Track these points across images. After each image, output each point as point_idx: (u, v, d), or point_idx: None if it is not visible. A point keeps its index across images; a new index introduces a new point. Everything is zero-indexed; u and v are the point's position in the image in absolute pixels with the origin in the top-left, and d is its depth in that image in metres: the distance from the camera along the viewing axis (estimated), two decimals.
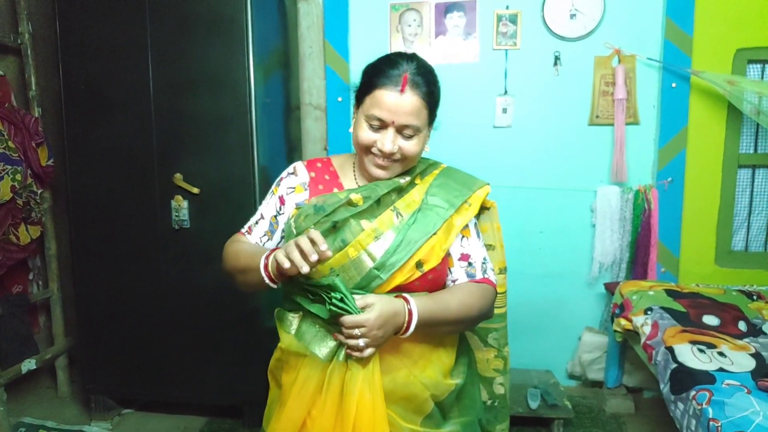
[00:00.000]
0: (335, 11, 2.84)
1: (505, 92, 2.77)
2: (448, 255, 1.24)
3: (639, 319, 2.12)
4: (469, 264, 1.25)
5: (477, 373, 1.37)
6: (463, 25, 2.78)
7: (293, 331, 1.20)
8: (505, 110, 2.78)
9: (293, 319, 1.22)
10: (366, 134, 1.18)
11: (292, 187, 1.29)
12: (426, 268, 1.18)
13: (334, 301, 1.06)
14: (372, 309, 1.06)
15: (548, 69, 2.74)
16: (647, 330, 2.04)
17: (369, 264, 1.15)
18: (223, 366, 2.50)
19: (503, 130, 2.80)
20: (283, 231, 1.28)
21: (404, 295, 1.14)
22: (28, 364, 2.58)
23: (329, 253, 1.03)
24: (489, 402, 1.41)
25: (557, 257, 2.84)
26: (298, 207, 1.25)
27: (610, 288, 2.62)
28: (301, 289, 1.16)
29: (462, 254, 1.26)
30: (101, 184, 2.47)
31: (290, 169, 1.33)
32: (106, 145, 2.45)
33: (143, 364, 2.55)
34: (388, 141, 1.17)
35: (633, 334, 2.22)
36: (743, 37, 2.56)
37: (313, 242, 1.01)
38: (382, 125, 1.17)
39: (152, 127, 2.40)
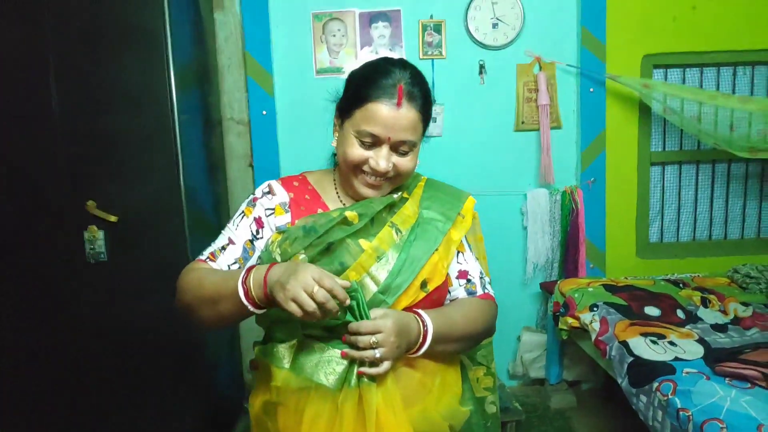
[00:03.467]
0: (255, 22, 2.69)
1: (434, 101, 2.76)
2: (447, 273, 1.17)
3: (586, 317, 2.19)
4: (468, 281, 1.19)
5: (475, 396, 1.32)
6: (388, 36, 2.75)
7: (287, 365, 1.05)
8: (434, 119, 2.78)
9: (285, 351, 1.07)
10: (357, 152, 1.08)
11: (272, 208, 1.14)
12: (431, 287, 1.10)
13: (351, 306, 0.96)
14: (387, 316, 0.98)
15: (474, 77, 2.78)
16: (597, 327, 2.11)
17: (373, 288, 1.05)
18: (158, 409, 2.26)
19: (434, 139, 2.80)
20: (259, 258, 1.12)
21: (415, 309, 1.06)
22: None
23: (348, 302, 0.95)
24: (483, 422, 1.34)
25: (492, 261, 2.74)
26: (279, 231, 1.11)
27: (547, 287, 2.69)
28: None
29: (460, 271, 1.19)
30: (1, 216, 2.16)
31: (264, 188, 1.17)
32: (5, 171, 2.13)
33: (62, 413, 2.24)
34: (382, 159, 1.07)
35: (579, 332, 2.29)
36: (649, 44, 2.75)
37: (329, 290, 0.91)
38: (376, 142, 1.07)
39: (57, 150, 2.13)
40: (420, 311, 1.06)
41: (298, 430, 1.00)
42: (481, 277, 1.22)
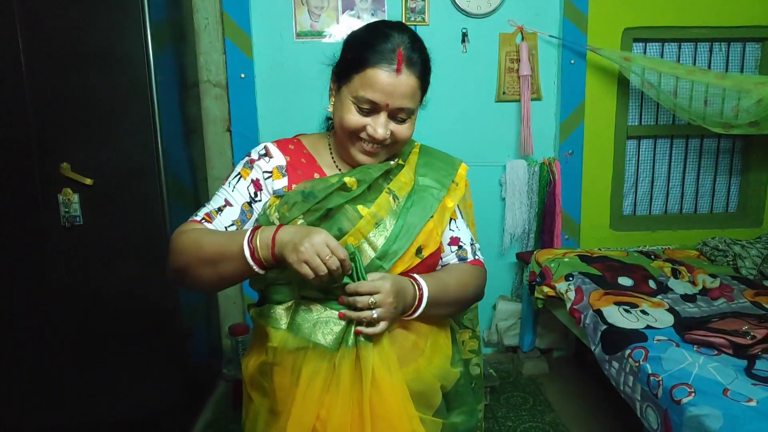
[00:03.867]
0: None
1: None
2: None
3: (562, 286, 2.24)
4: (460, 247, 1.21)
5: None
6: (370, 0, 2.69)
7: (284, 326, 1.05)
8: None
9: (282, 312, 1.07)
10: (354, 118, 1.06)
11: (269, 171, 1.12)
12: (425, 253, 1.11)
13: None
14: (385, 278, 1.00)
15: (457, 46, 2.76)
16: (572, 296, 2.16)
17: (371, 254, 1.06)
18: (132, 377, 2.25)
19: None
20: (256, 221, 1.11)
21: (410, 274, 1.07)
22: None
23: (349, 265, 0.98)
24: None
25: None
26: (277, 195, 1.10)
27: (523, 257, 2.74)
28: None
29: (452, 238, 1.21)
30: None
31: (260, 149, 1.14)
32: None
33: (34, 384, 2.21)
34: (380, 127, 1.06)
35: (554, 300, 2.35)
36: (629, 17, 2.76)
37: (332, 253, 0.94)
38: (374, 108, 1.05)
39: (27, 110, 2.04)
40: (416, 275, 1.08)
41: (294, 389, 1.01)
42: (471, 244, 1.23)
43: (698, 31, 2.82)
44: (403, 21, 2.69)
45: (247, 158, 1.15)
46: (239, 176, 1.12)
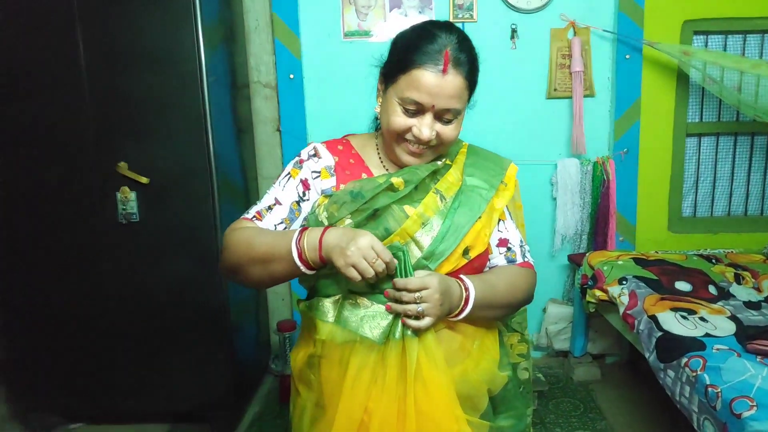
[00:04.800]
0: None
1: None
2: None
3: (615, 290, 2.16)
4: (508, 249, 1.18)
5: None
6: None
7: (332, 319, 1.06)
8: None
9: (330, 305, 1.08)
10: (400, 119, 1.06)
11: (318, 171, 1.13)
12: (472, 254, 1.10)
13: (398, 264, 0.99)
14: (432, 275, 1.00)
15: (506, 42, 2.70)
16: (625, 300, 2.07)
17: (417, 254, 1.05)
18: (183, 369, 2.31)
19: None
20: (305, 219, 1.13)
21: (458, 275, 1.06)
22: None
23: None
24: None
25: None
26: (325, 195, 1.11)
27: (575, 260, 2.66)
28: None
29: (500, 239, 1.18)
30: (30, 175, 2.19)
31: (309, 150, 1.17)
32: (34, 131, 2.16)
33: (90, 372, 2.31)
34: (426, 128, 1.05)
35: (607, 305, 2.26)
36: (690, 9, 2.63)
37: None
38: (420, 109, 1.04)
39: (87, 109, 2.13)
40: (463, 276, 1.07)
41: (342, 381, 1.02)
42: (521, 246, 1.21)
43: (764, 22, 2.65)
44: (451, 18, 2.66)
45: (297, 158, 1.17)
46: (289, 176, 1.15)
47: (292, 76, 2.71)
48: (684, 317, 1.85)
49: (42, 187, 2.19)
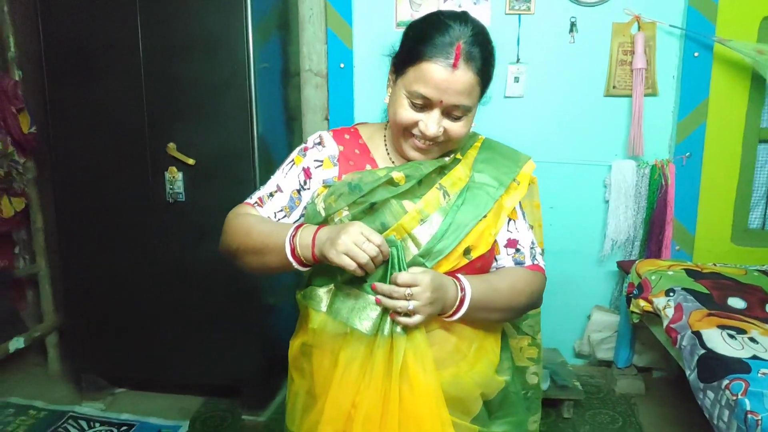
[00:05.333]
0: None
1: (518, 60, 2.62)
2: (494, 241, 1.11)
3: (660, 301, 2.03)
4: (517, 250, 1.13)
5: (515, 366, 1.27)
6: None
7: (325, 308, 1.06)
8: (517, 79, 2.63)
9: (323, 295, 1.07)
10: (407, 113, 1.02)
11: (320, 160, 1.12)
12: (474, 255, 1.05)
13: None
14: (426, 272, 0.96)
15: (564, 36, 2.59)
16: (670, 313, 1.95)
17: (413, 251, 1.02)
18: (219, 345, 2.39)
19: (514, 100, 2.65)
20: (304, 208, 1.12)
21: (455, 274, 1.02)
22: (16, 343, 2.46)
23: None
24: (522, 393, 1.29)
25: (568, 233, 2.73)
26: (326, 185, 1.10)
27: (624, 266, 2.52)
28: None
29: (509, 240, 1.13)
30: (88, 154, 2.31)
31: (315, 138, 1.15)
32: (93, 111, 2.27)
33: (136, 342, 2.43)
34: (432, 123, 1.01)
35: (651, 316, 2.14)
36: None
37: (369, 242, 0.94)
38: (427, 104, 1.00)
39: (143, 93, 2.23)
40: (460, 276, 1.02)
41: (332, 371, 1.01)
42: (531, 247, 1.15)
43: None
44: (507, 10, 2.58)
45: (302, 146, 1.16)
46: (292, 163, 1.14)
47: (342, 65, 2.72)
48: (731, 336, 1.72)
49: (100, 165, 2.31)
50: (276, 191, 1.12)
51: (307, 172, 1.12)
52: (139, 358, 2.45)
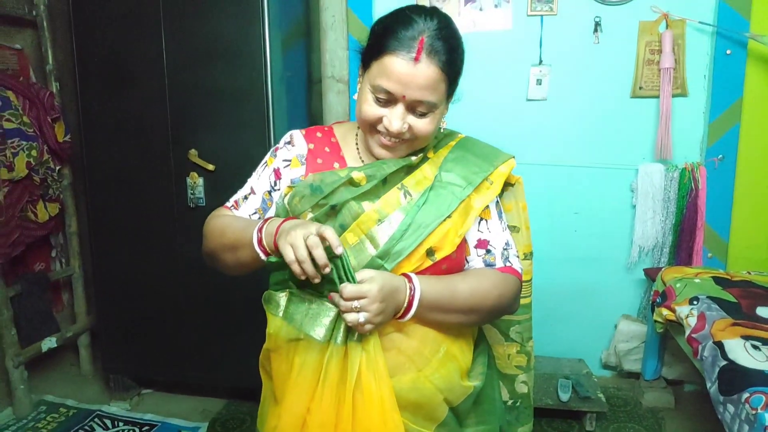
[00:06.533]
0: None
1: (540, 62, 2.57)
2: (464, 241, 1.08)
3: (683, 310, 1.94)
4: (488, 251, 1.10)
5: (496, 372, 1.23)
6: None
7: (281, 313, 1.05)
8: (539, 81, 2.58)
9: (280, 299, 1.06)
10: (371, 109, 1.00)
11: (288, 159, 1.12)
12: (438, 256, 1.03)
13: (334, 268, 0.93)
14: (373, 280, 0.92)
15: (588, 36, 2.53)
16: (692, 322, 1.86)
17: (371, 251, 1.00)
18: (241, 348, 2.39)
19: (537, 103, 2.60)
20: (276, 210, 1.13)
21: (407, 273, 1.00)
22: (49, 343, 2.57)
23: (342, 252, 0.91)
24: (510, 402, 1.26)
25: (593, 240, 2.65)
26: (292, 184, 1.10)
27: (651, 274, 2.43)
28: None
29: (479, 240, 1.10)
30: (117, 161, 2.40)
31: (286, 137, 1.15)
32: (121, 120, 2.36)
33: (162, 344, 2.50)
34: (396, 119, 0.99)
35: (676, 325, 2.05)
36: None
37: (323, 240, 0.89)
38: (391, 99, 0.99)
39: (166, 101, 2.30)
40: (411, 275, 0.99)
41: (288, 377, 1.01)
42: (505, 249, 1.11)
43: None
44: (529, 11, 2.54)
45: (274, 146, 1.17)
46: (265, 164, 1.16)
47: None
48: (756, 347, 1.62)
49: (128, 172, 2.39)
50: (250, 194, 1.14)
51: (277, 173, 1.13)
52: (165, 360, 2.52)
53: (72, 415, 2.44)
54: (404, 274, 1.00)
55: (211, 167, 2.29)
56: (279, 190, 1.12)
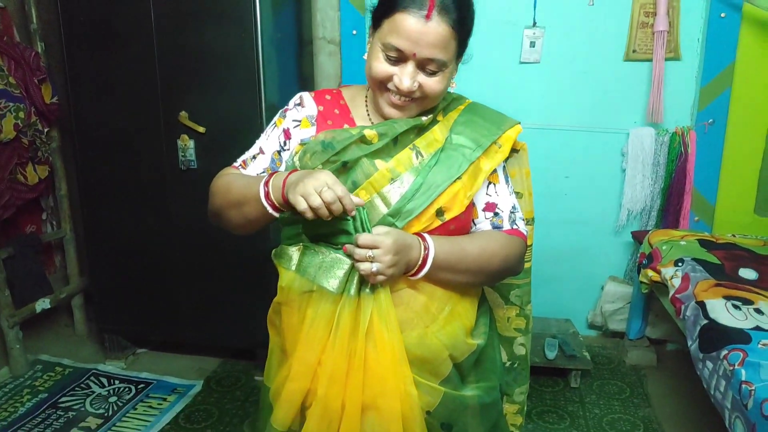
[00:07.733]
0: None
1: (534, 24, 2.54)
2: (472, 204, 1.10)
3: (668, 271, 1.99)
4: (495, 214, 1.12)
5: (497, 334, 1.27)
6: None
7: (294, 267, 1.07)
8: (533, 44, 2.56)
9: (293, 253, 1.08)
10: (381, 66, 1.00)
11: (298, 120, 1.12)
12: (447, 217, 1.04)
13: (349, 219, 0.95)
14: (388, 234, 0.95)
15: None
16: (677, 283, 1.91)
17: (383, 210, 1.02)
18: (236, 308, 2.46)
19: (530, 65, 2.59)
20: (285, 169, 1.13)
21: (420, 233, 1.02)
22: (42, 304, 2.59)
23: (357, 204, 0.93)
24: (508, 363, 1.30)
25: (583, 203, 2.69)
26: (302, 143, 1.09)
27: (639, 237, 2.47)
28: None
29: (487, 203, 1.12)
30: (106, 123, 2.37)
31: (296, 99, 1.15)
32: (109, 81, 2.32)
33: (156, 304, 2.52)
34: (406, 77, 0.99)
35: (660, 286, 2.10)
36: None
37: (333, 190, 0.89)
38: (401, 57, 0.99)
39: (155, 62, 2.26)
40: (425, 234, 1.02)
41: (300, 329, 1.03)
42: (512, 212, 1.13)
43: None
44: None
45: (284, 108, 1.16)
46: (274, 125, 1.15)
47: (355, 32, 2.70)
48: (736, 307, 1.68)
49: (118, 134, 2.36)
50: (258, 153, 1.14)
51: (287, 133, 1.13)
52: (159, 319, 2.55)
53: (68, 374, 2.48)
54: (418, 234, 1.02)
55: (201, 129, 2.27)
56: (288, 150, 1.13)
